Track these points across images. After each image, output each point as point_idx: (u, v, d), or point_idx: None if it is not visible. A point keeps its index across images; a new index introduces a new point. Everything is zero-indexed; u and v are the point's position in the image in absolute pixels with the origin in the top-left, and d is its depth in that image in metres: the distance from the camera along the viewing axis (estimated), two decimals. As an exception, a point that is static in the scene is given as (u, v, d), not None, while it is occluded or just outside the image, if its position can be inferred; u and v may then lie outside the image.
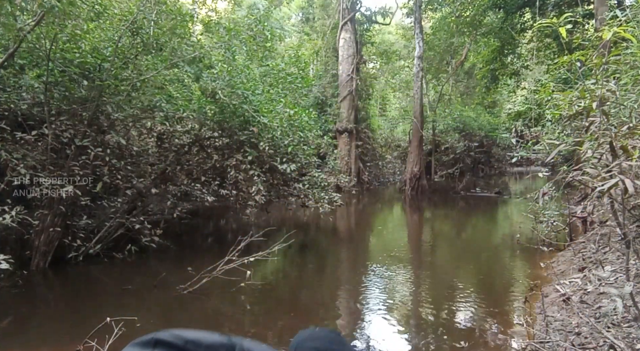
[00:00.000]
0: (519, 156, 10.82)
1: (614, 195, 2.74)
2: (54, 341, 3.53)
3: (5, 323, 3.97)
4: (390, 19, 18.21)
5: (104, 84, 5.30)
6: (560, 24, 2.88)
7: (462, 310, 4.24)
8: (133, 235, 5.91)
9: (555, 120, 6.07)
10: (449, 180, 16.64)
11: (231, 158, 6.62)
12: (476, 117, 18.07)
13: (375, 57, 20.91)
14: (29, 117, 5.42)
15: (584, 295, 3.74)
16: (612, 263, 4.22)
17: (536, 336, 3.18)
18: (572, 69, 4.74)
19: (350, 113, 16.11)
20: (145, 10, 5.68)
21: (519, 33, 13.66)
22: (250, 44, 7.24)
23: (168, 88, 6.55)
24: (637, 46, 3.19)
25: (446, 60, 18.97)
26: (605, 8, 7.20)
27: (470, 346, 3.32)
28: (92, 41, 5.54)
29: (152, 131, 7.28)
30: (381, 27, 20.17)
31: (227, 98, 6.25)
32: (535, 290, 4.31)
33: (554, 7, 10.95)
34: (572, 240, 6.02)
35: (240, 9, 16.85)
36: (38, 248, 5.26)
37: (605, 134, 2.65)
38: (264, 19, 8.02)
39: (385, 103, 26.39)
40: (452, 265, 6.32)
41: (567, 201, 6.82)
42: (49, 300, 4.76)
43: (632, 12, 4.24)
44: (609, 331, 2.88)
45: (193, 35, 7.20)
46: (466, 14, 14.96)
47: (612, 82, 3.02)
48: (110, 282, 5.20)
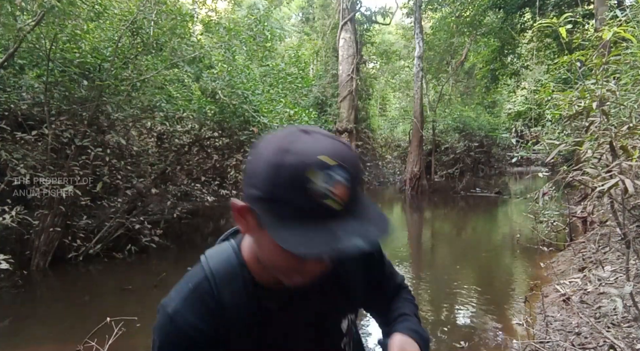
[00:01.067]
0: (519, 156, 10.83)
1: (614, 195, 2.73)
2: (54, 341, 3.53)
3: (5, 323, 3.97)
4: (390, 19, 18.20)
5: (104, 84, 5.30)
6: (560, 24, 2.88)
7: (462, 310, 4.24)
8: (133, 235, 5.91)
9: (555, 120, 6.07)
10: (449, 180, 16.63)
11: (231, 158, 6.62)
12: (476, 117, 18.05)
13: (375, 57, 20.89)
14: (29, 117, 5.42)
15: (584, 295, 3.74)
16: (612, 263, 4.22)
17: (536, 336, 3.18)
18: (572, 69, 4.74)
19: (350, 113, 16.11)
20: (145, 10, 5.68)
21: (519, 33, 13.65)
22: (250, 44, 7.24)
23: (168, 89, 6.54)
24: (637, 46, 3.19)
25: (446, 60, 18.96)
26: (605, 8, 7.19)
27: (470, 346, 3.32)
28: (92, 41, 5.53)
29: (152, 131, 7.28)
30: (381, 27, 20.15)
31: (227, 98, 6.25)
32: (535, 290, 4.30)
33: (554, 7, 10.94)
34: (572, 240, 6.01)
35: (240, 9, 16.84)
36: (38, 248, 5.26)
37: (605, 134, 2.65)
38: (264, 19, 8.01)
39: (385, 103, 26.37)
40: (452, 264, 6.32)
41: (567, 201, 6.82)
42: (49, 300, 4.76)
43: (632, 12, 4.23)
44: (609, 331, 2.88)
45: (193, 35, 7.19)
46: (466, 14, 14.94)
47: (612, 82, 3.01)
48: (110, 282, 5.20)
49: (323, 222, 0.56)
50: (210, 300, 0.72)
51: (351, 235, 0.55)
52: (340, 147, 0.59)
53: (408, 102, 20.09)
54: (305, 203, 0.55)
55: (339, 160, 0.57)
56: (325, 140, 0.59)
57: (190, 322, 0.70)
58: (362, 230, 0.57)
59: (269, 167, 0.57)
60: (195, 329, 0.70)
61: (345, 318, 0.84)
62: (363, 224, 0.58)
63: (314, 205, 0.55)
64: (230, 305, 0.72)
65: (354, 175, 0.58)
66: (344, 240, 0.55)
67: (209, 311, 0.71)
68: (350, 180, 0.57)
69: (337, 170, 0.56)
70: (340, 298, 0.82)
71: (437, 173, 17.39)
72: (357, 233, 0.56)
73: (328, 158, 0.56)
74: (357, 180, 0.59)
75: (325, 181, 0.55)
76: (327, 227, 0.56)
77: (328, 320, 0.82)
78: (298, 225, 0.56)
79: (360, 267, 0.86)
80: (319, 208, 0.56)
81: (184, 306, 0.71)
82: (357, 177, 0.59)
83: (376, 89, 21.72)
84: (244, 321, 0.72)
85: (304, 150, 0.57)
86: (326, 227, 0.56)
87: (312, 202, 0.55)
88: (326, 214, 0.56)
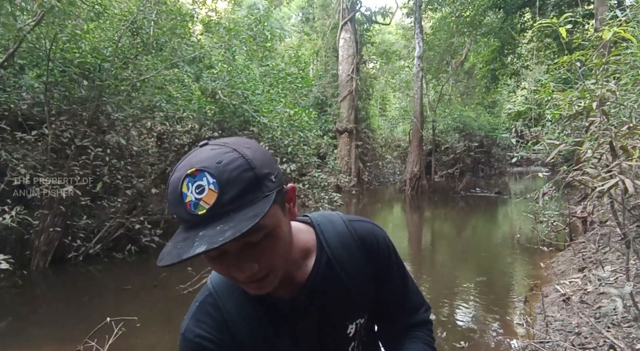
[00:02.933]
0: (519, 156, 10.81)
1: (614, 195, 2.74)
2: (54, 341, 3.53)
3: (5, 323, 3.97)
4: (390, 19, 18.21)
5: (104, 84, 5.30)
6: (560, 24, 2.88)
7: (462, 310, 4.24)
8: (133, 235, 5.91)
9: (555, 120, 6.06)
10: (449, 180, 16.64)
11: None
12: (476, 117, 18.07)
13: (375, 57, 20.89)
14: (29, 117, 5.42)
15: (584, 295, 3.74)
16: (612, 263, 4.22)
17: (536, 336, 3.18)
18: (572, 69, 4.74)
19: (350, 113, 16.10)
20: (145, 10, 5.68)
21: (519, 33, 13.65)
22: (250, 44, 7.24)
23: (168, 89, 6.54)
24: (637, 46, 3.19)
25: (446, 60, 18.96)
26: (605, 8, 7.19)
27: (470, 346, 3.32)
28: (92, 41, 5.53)
29: (152, 131, 7.28)
30: (381, 27, 20.16)
31: (227, 98, 6.25)
32: (535, 290, 4.30)
33: (554, 7, 10.93)
34: (572, 240, 6.01)
35: (240, 9, 16.85)
36: (38, 248, 5.26)
37: (605, 134, 2.65)
38: (264, 19, 8.01)
39: (385, 103, 26.37)
40: (452, 264, 6.32)
41: (567, 201, 6.81)
42: (49, 300, 4.76)
43: (632, 12, 4.24)
44: (609, 331, 2.88)
45: (193, 35, 7.19)
46: (466, 14, 14.93)
47: (612, 82, 3.01)
48: (110, 282, 5.20)
49: (192, 230, 0.59)
50: (215, 312, 0.76)
51: (200, 241, 0.56)
52: (219, 153, 0.61)
53: (408, 102, 20.08)
54: (184, 214, 0.59)
55: (206, 168, 0.58)
56: (206, 151, 0.61)
57: (198, 334, 0.74)
58: (214, 234, 0.56)
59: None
60: (204, 339, 0.74)
61: (351, 322, 0.83)
62: (224, 226, 0.57)
63: (188, 215, 0.59)
64: (236, 315, 0.76)
65: (225, 181, 0.58)
66: (193, 247, 0.56)
67: (215, 322, 0.76)
68: (219, 185, 0.58)
69: (203, 177, 0.58)
70: (345, 302, 0.81)
71: (437, 173, 17.40)
72: (207, 238, 0.56)
73: (197, 167, 0.59)
74: (230, 185, 0.58)
75: (192, 190, 0.58)
76: (191, 234, 0.58)
77: (332, 325, 0.82)
78: (176, 238, 0.61)
79: (365, 267, 0.83)
80: (192, 217, 0.59)
81: (192, 322, 0.76)
82: (230, 182, 0.58)
83: (376, 89, 21.71)
84: (251, 330, 0.76)
85: (183, 164, 0.61)
86: (190, 234, 0.58)
87: (187, 212, 0.59)
88: (195, 221, 0.59)
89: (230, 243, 0.56)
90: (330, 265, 0.79)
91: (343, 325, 0.82)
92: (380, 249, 0.84)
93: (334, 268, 0.79)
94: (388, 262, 0.86)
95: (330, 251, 0.80)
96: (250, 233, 0.59)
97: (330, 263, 0.79)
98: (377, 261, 0.84)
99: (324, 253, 0.80)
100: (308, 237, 0.81)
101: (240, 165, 0.60)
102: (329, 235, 0.81)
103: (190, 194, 0.58)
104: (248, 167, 0.60)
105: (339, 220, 0.84)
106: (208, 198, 0.58)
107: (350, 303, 0.82)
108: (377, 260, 0.84)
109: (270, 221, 0.63)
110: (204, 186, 0.58)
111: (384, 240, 0.85)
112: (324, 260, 0.79)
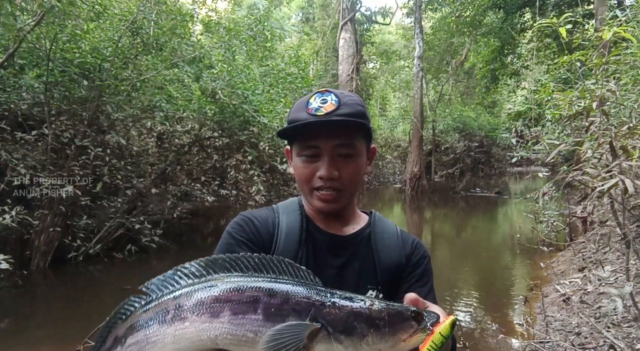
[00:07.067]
0: (519, 156, 10.80)
1: (614, 195, 2.73)
2: (54, 341, 3.53)
3: (5, 323, 3.97)
4: (390, 19, 18.19)
5: (104, 84, 5.29)
6: (560, 24, 2.88)
7: (462, 310, 4.24)
8: (133, 235, 5.91)
9: (555, 120, 6.05)
10: (449, 180, 16.64)
11: (231, 158, 6.62)
12: (476, 117, 18.06)
13: (375, 57, 20.88)
14: (29, 117, 5.42)
15: (584, 295, 3.74)
16: (612, 263, 4.22)
17: (536, 336, 3.18)
18: (572, 69, 4.74)
19: (350, 113, 16.09)
20: (145, 10, 5.68)
21: (519, 33, 13.64)
22: (250, 44, 7.23)
23: (168, 88, 6.54)
24: (637, 46, 3.19)
25: (446, 60, 18.96)
26: (605, 8, 7.18)
27: (470, 346, 3.32)
28: (92, 41, 5.53)
29: (152, 131, 7.27)
30: (381, 27, 20.15)
31: (227, 98, 6.25)
32: (535, 290, 4.31)
33: (554, 7, 10.93)
34: (572, 240, 6.01)
35: (240, 9, 16.84)
36: (38, 248, 5.26)
37: (605, 134, 2.65)
38: (264, 19, 7.99)
39: (385, 103, 26.37)
40: (452, 264, 6.32)
41: (567, 201, 6.81)
42: (49, 300, 4.76)
43: (632, 12, 4.23)
44: (609, 331, 2.88)
45: (193, 35, 7.19)
46: (466, 14, 14.93)
47: (612, 82, 3.01)
48: (110, 282, 5.20)
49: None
50: (270, 214, 0.95)
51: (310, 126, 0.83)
52: (342, 91, 0.88)
53: (408, 102, 20.10)
54: (304, 115, 0.84)
55: (333, 91, 0.87)
56: (332, 90, 0.88)
57: (253, 214, 0.94)
58: (325, 123, 0.83)
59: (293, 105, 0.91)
60: (253, 217, 0.92)
61: (366, 288, 0.90)
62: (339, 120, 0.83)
63: (307, 116, 0.83)
64: (285, 224, 0.93)
65: (344, 102, 0.84)
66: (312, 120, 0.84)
67: (265, 217, 0.93)
68: (339, 102, 0.84)
69: (329, 95, 0.85)
70: (366, 268, 0.92)
71: (437, 173, 17.40)
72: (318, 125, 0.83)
73: (327, 89, 0.87)
74: (347, 106, 0.84)
75: (318, 101, 0.85)
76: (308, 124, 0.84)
77: (350, 276, 0.91)
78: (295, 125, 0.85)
79: (396, 257, 0.94)
80: (310, 117, 0.83)
81: (251, 212, 0.96)
82: (348, 104, 0.85)
83: (376, 89, 21.72)
84: (291, 237, 0.91)
85: (315, 92, 0.88)
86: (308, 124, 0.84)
87: (307, 113, 0.84)
88: (312, 120, 0.83)
89: (331, 137, 0.83)
90: (369, 237, 0.95)
91: (359, 282, 0.91)
92: (416, 249, 0.97)
93: (369, 241, 0.95)
94: (418, 263, 0.96)
95: (374, 230, 0.97)
96: (347, 137, 0.85)
97: (369, 237, 0.95)
98: (409, 256, 0.96)
99: (369, 228, 0.97)
100: (364, 216, 1.00)
101: (357, 100, 0.88)
102: (379, 223, 0.99)
103: (314, 102, 0.85)
104: (362, 104, 0.89)
105: (392, 223, 1.03)
106: (328, 107, 0.84)
107: (370, 272, 0.93)
108: (409, 255, 0.96)
109: (360, 148, 0.88)
110: (328, 99, 0.85)
111: (423, 248, 1.00)
112: (366, 232, 0.96)
